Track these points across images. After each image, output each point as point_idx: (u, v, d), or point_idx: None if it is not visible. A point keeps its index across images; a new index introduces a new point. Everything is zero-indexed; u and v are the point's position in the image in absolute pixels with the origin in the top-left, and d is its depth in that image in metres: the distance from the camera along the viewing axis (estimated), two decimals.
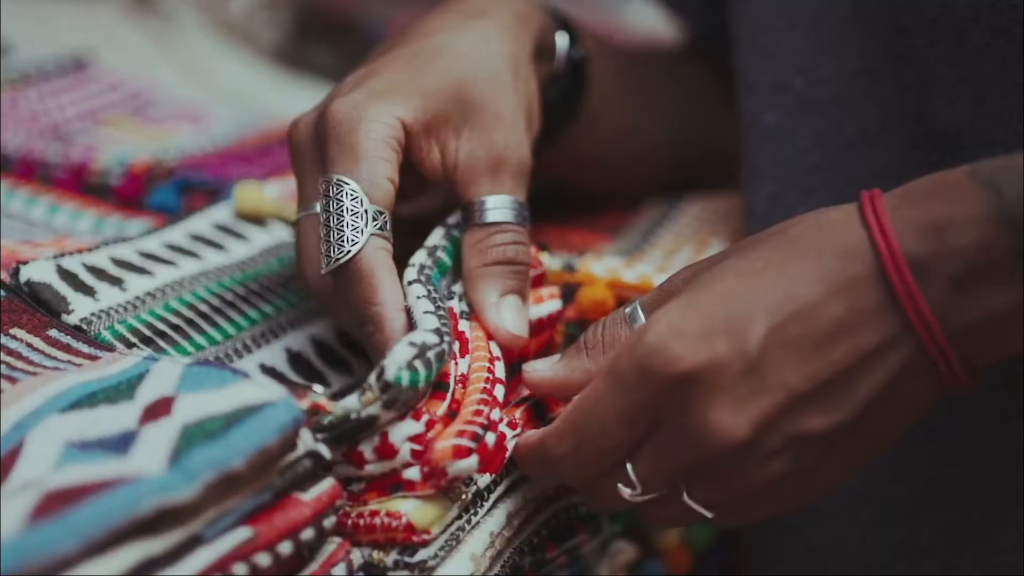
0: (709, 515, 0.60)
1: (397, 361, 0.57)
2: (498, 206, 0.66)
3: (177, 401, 0.52)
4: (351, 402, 0.58)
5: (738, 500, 0.60)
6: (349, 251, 0.62)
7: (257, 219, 0.78)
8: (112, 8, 1.20)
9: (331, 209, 0.63)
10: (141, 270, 0.70)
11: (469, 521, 0.62)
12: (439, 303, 0.63)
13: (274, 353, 0.69)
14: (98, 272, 0.69)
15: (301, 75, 1.24)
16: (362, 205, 0.63)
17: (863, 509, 0.74)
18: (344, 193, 0.63)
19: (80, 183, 0.84)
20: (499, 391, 0.62)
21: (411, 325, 0.62)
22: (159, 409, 0.52)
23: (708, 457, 0.57)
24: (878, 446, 0.59)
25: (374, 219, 0.63)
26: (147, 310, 0.67)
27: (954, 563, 0.73)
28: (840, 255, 0.56)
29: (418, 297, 0.62)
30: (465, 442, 0.57)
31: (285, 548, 0.53)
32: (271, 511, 0.53)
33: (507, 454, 0.61)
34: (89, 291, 0.67)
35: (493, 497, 0.63)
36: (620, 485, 0.60)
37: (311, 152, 0.67)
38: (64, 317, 0.64)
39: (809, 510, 0.75)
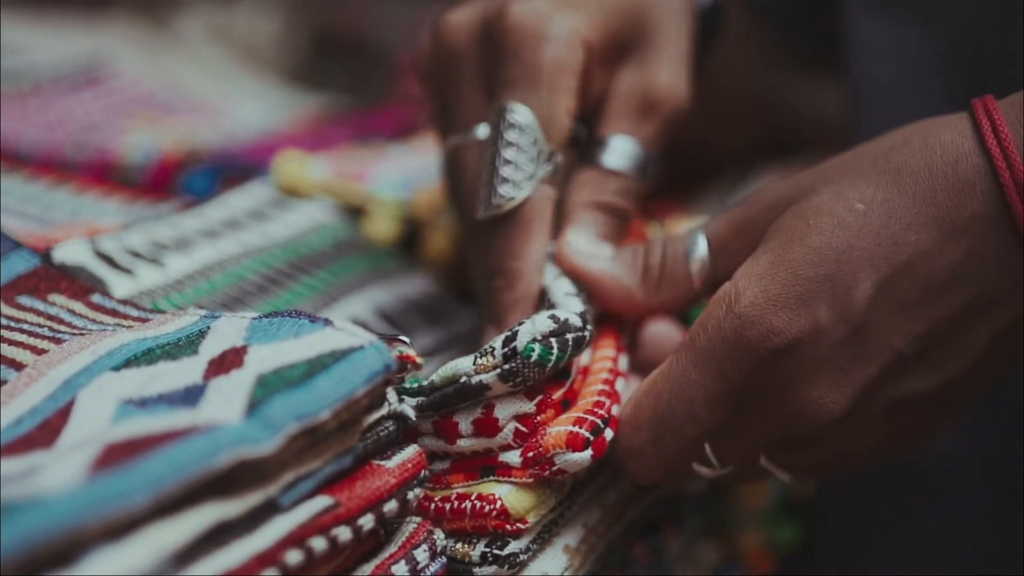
0: (786, 478, 0.55)
1: (533, 331, 0.51)
2: (625, 152, 0.59)
3: (249, 352, 0.46)
4: (463, 364, 0.51)
5: (823, 463, 0.55)
6: (513, 197, 0.56)
7: (296, 192, 0.72)
8: (120, 31, 1.15)
9: (500, 143, 0.56)
10: (180, 250, 0.64)
11: (563, 515, 0.55)
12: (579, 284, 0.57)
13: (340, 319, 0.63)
14: (134, 253, 0.63)
15: (318, 95, 1.20)
16: (536, 145, 0.56)
17: (971, 501, 0.68)
18: (519, 127, 0.56)
19: (105, 176, 0.78)
20: (620, 385, 0.56)
21: (541, 303, 0.56)
22: (228, 361, 0.46)
23: (800, 431, 0.52)
24: (981, 393, 0.53)
25: (547, 162, 0.56)
26: (192, 287, 0.62)
27: None
28: (957, 191, 0.49)
29: (557, 276, 0.56)
30: (584, 432, 0.51)
31: (367, 521, 0.47)
32: (352, 479, 0.47)
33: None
34: (127, 272, 0.61)
35: (592, 489, 0.57)
36: (695, 465, 0.54)
37: (474, 62, 0.58)
38: None
39: (909, 504, 0.69)
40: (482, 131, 0.58)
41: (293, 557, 0.43)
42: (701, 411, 0.52)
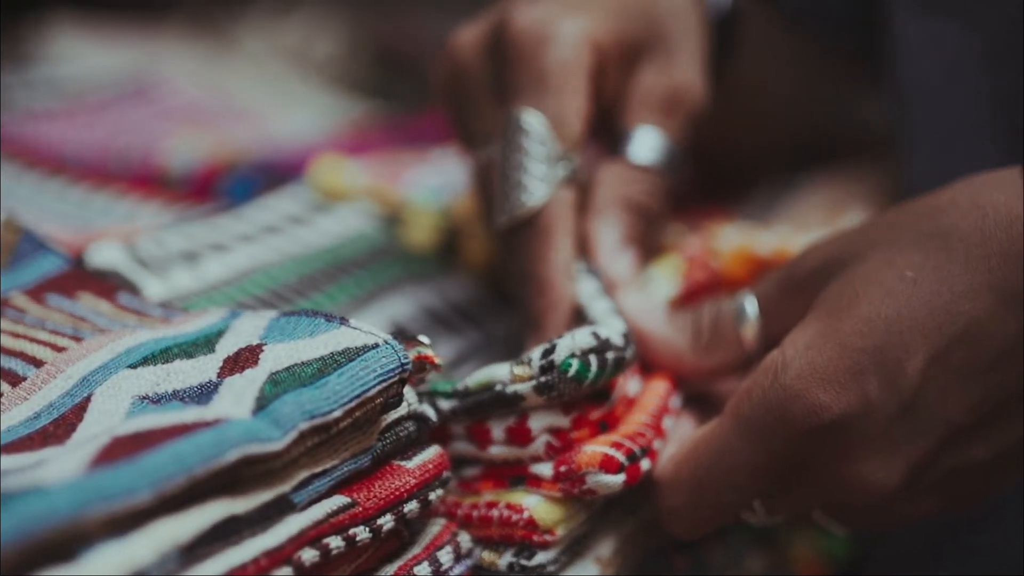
0: (841, 532, 0.54)
1: (573, 346, 0.49)
2: (652, 145, 0.58)
3: (264, 351, 0.45)
4: (499, 371, 0.50)
5: (879, 524, 0.54)
6: (525, 203, 0.55)
7: (335, 196, 0.71)
8: (175, 41, 1.16)
9: (510, 151, 0.55)
10: (215, 254, 0.64)
11: (592, 529, 0.54)
12: None
13: (373, 321, 0.62)
14: (167, 257, 0.63)
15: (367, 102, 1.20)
16: (546, 147, 0.55)
17: None
18: (529, 132, 0.55)
19: (147, 183, 0.78)
20: (669, 423, 0.54)
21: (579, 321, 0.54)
22: (244, 360, 0.45)
23: (852, 502, 0.50)
24: None
25: (560, 164, 0.55)
26: (225, 290, 0.61)
27: None
28: (1012, 257, 0.46)
29: (596, 296, 0.55)
30: (619, 456, 0.49)
31: (386, 522, 0.46)
32: (371, 479, 0.46)
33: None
34: (160, 275, 0.61)
35: (628, 501, 0.55)
36: (743, 513, 0.52)
37: (484, 75, 0.58)
38: None
39: (963, 516, 0.66)
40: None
41: (308, 555, 0.43)
42: (743, 480, 0.50)
